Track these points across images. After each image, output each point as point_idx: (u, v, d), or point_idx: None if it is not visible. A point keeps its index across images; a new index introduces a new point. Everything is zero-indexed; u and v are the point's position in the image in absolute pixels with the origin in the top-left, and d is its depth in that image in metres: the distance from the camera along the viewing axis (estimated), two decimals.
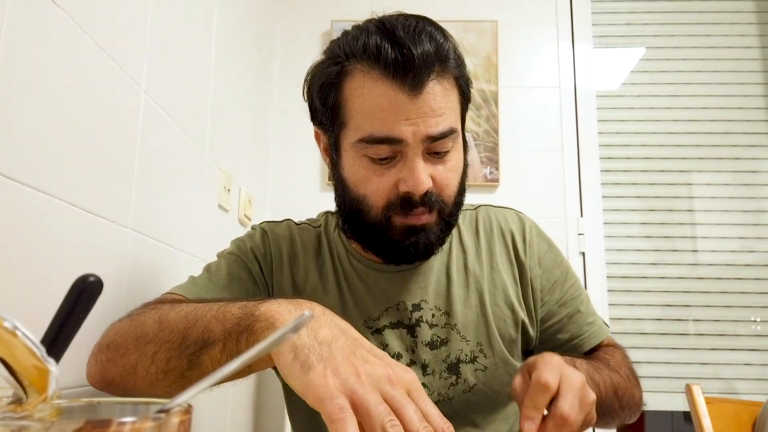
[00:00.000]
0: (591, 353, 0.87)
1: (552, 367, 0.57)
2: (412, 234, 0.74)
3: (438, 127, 0.70)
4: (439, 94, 0.70)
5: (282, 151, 1.86)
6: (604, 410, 0.73)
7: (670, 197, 1.89)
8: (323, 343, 0.48)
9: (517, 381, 0.61)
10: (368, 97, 0.70)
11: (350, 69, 0.72)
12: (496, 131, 1.85)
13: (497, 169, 1.83)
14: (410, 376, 0.48)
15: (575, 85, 1.92)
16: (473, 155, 1.84)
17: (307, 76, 0.79)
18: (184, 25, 1.04)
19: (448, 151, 0.73)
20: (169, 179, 0.98)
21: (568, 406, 0.55)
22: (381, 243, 0.77)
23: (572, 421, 0.55)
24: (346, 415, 0.41)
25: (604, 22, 2.00)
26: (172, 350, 0.56)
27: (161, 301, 0.68)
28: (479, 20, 1.92)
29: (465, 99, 0.78)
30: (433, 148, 0.72)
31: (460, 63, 0.75)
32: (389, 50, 0.68)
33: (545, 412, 0.57)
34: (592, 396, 0.58)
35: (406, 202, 0.72)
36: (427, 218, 0.74)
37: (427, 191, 0.71)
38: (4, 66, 0.56)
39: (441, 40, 0.71)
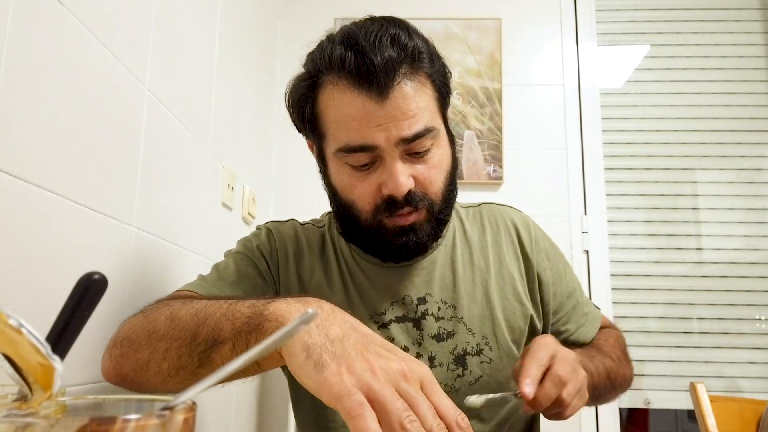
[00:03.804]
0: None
1: (545, 347, 0.67)
2: (403, 234, 0.76)
3: (411, 128, 0.71)
4: (409, 95, 0.71)
5: (285, 149, 1.86)
6: (597, 393, 0.81)
7: (674, 195, 1.88)
8: (335, 341, 0.48)
9: (518, 363, 0.68)
10: (339, 107, 0.72)
11: (321, 81, 0.74)
12: (500, 129, 1.85)
13: (501, 167, 1.83)
14: (424, 370, 0.49)
15: (579, 83, 1.91)
16: (477, 153, 1.84)
17: (285, 91, 0.81)
18: (187, 24, 1.04)
19: (428, 150, 0.74)
20: (173, 177, 0.98)
21: (563, 371, 0.65)
22: (374, 245, 0.79)
23: (567, 381, 0.64)
24: (365, 411, 0.41)
25: (608, 20, 1.99)
26: (183, 348, 0.57)
27: (173, 298, 0.69)
28: (482, 18, 1.91)
29: (442, 94, 0.78)
30: (411, 149, 0.72)
31: (432, 58, 0.75)
32: (352, 60, 0.69)
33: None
34: (583, 372, 0.68)
35: (391, 204, 0.73)
36: (416, 217, 0.75)
37: (410, 191, 0.73)
38: (8, 64, 0.56)
39: (405, 41, 0.71)
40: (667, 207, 1.88)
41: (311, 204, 1.83)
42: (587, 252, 1.81)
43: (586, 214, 1.83)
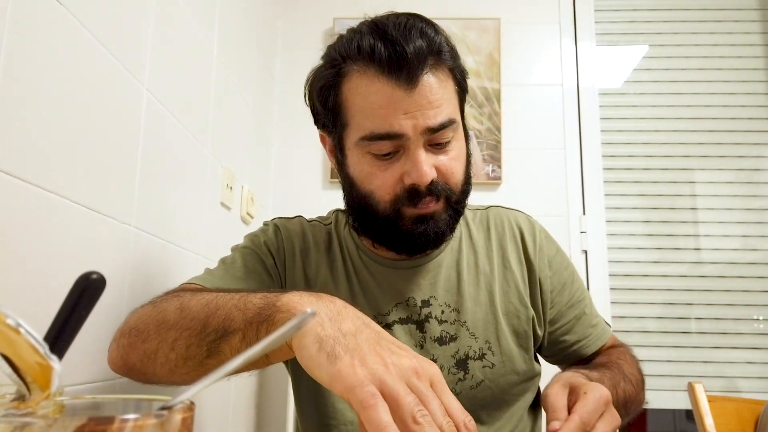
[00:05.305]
0: (598, 353, 0.89)
1: (599, 406, 0.58)
2: (422, 222, 0.76)
3: (437, 118, 0.72)
4: (435, 86, 0.72)
5: (284, 149, 1.86)
6: None
7: (673, 195, 1.88)
8: (348, 335, 0.48)
9: (555, 392, 0.61)
10: (366, 95, 0.72)
11: (347, 70, 0.75)
12: (499, 129, 1.85)
13: (499, 167, 1.83)
14: (434, 369, 0.49)
15: (578, 83, 1.91)
16: (476, 153, 1.84)
17: (306, 81, 0.81)
18: (186, 23, 1.04)
19: (449, 141, 0.75)
20: (172, 177, 0.98)
21: None
22: (392, 235, 0.78)
23: None
24: (378, 401, 0.41)
25: (606, 20, 1.99)
26: (192, 337, 0.57)
27: (182, 290, 0.69)
28: (481, 18, 1.91)
29: (461, 89, 0.79)
30: (434, 140, 0.73)
31: (454, 55, 0.77)
32: (382, 49, 0.70)
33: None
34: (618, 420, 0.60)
35: (412, 194, 0.74)
36: (435, 206, 0.75)
37: (432, 181, 0.73)
38: (7, 64, 0.56)
39: (432, 35, 0.73)
40: (665, 207, 1.88)
41: (311, 203, 1.84)
42: (586, 252, 1.81)
43: (584, 214, 1.83)
